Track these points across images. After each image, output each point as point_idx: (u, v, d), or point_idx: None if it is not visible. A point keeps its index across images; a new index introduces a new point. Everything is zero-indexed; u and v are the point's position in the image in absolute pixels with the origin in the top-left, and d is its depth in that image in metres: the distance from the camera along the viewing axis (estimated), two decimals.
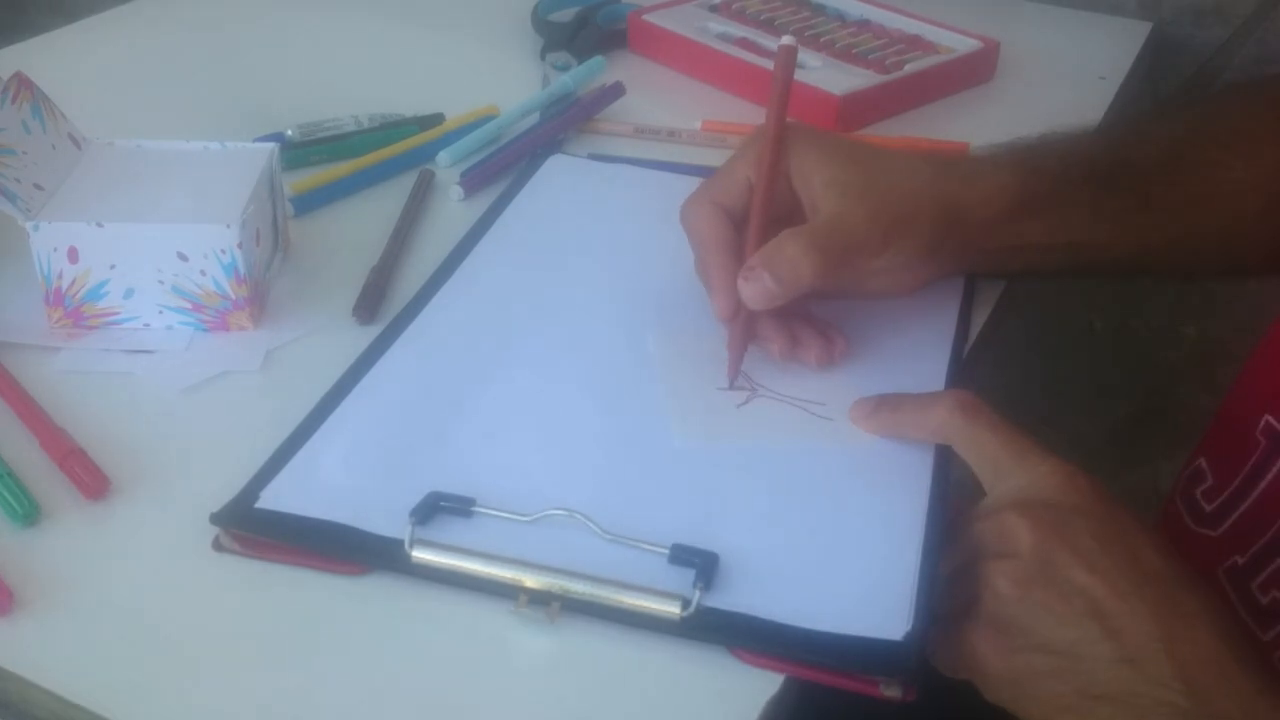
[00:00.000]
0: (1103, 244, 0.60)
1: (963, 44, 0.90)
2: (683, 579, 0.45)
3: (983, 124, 0.83)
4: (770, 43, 0.90)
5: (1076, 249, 0.60)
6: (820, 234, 0.54)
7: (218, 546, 0.47)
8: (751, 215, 0.56)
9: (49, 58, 0.89)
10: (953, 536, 0.47)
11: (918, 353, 0.58)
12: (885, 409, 0.53)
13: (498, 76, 0.89)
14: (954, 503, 0.49)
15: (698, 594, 0.44)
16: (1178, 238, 0.61)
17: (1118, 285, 1.11)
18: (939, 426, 0.50)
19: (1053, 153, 0.61)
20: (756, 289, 0.53)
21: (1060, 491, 0.46)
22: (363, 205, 0.72)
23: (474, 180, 0.73)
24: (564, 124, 0.80)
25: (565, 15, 0.96)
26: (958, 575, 0.46)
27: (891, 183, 0.57)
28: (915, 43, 0.90)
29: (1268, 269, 0.63)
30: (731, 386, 0.55)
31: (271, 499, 0.48)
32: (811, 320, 0.58)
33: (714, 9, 0.96)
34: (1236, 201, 0.61)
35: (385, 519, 0.47)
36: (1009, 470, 0.47)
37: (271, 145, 0.65)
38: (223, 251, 0.57)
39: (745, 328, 0.56)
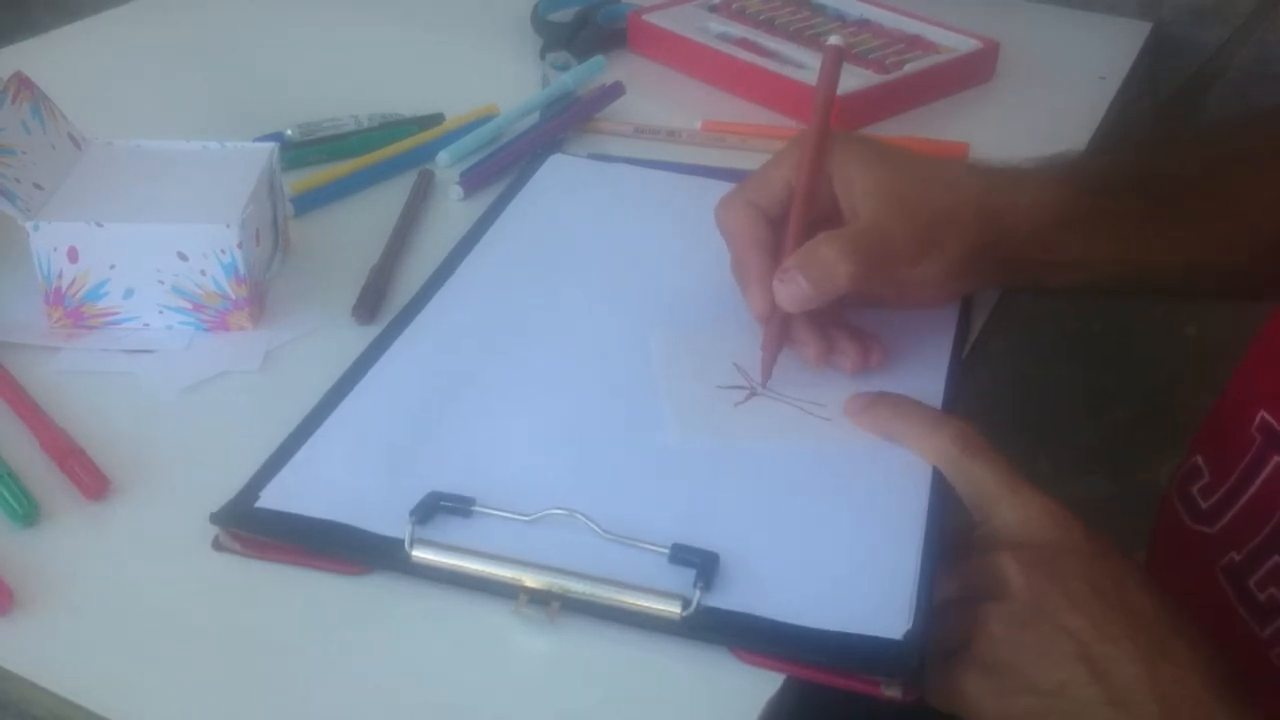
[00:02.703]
0: (1147, 260, 0.60)
1: (963, 44, 0.90)
2: (683, 579, 0.45)
3: (983, 124, 0.83)
4: (770, 43, 0.90)
5: (1118, 265, 0.60)
6: (857, 239, 0.54)
7: (217, 546, 0.47)
8: (790, 217, 0.56)
9: (49, 57, 0.89)
10: (944, 567, 0.47)
11: (918, 353, 0.58)
12: (882, 408, 0.53)
13: (498, 76, 0.89)
14: (950, 525, 0.49)
15: (698, 594, 0.44)
16: (1220, 254, 0.60)
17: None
18: (936, 453, 0.50)
19: (1097, 167, 0.60)
20: (791, 291, 0.53)
21: (1052, 532, 0.46)
22: (362, 205, 0.72)
23: (474, 180, 0.73)
24: (564, 124, 0.80)
25: (565, 15, 0.96)
26: (949, 610, 0.46)
27: (933, 192, 0.56)
28: (915, 43, 0.90)
29: None
30: (763, 388, 0.55)
31: (271, 498, 0.48)
32: (848, 327, 0.57)
33: (714, 9, 0.96)
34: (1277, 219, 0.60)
35: (385, 518, 0.47)
36: (1002, 508, 0.48)
37: (271, 145, 0.65)
38: (223, 251, 0.57)
39: (780, 330, 0.55)
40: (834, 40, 0.57)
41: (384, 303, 0.62)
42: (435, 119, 0.80)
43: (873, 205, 0.55)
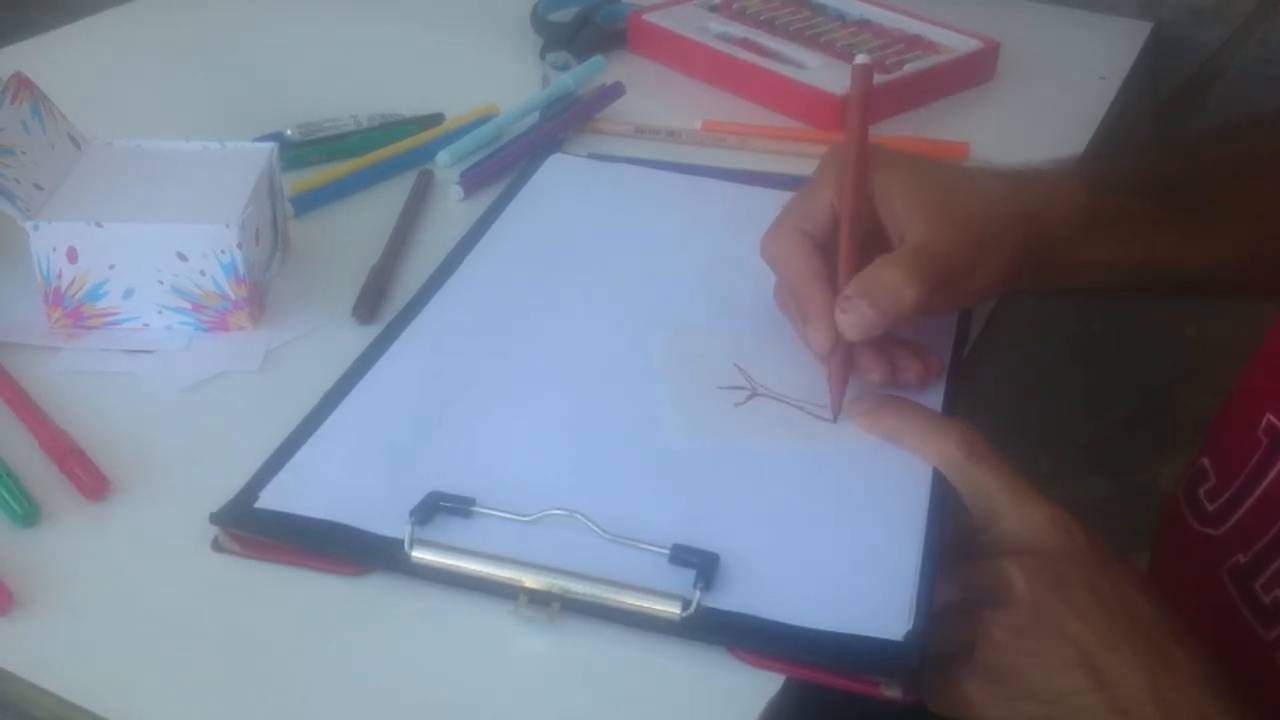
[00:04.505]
0: (1174, 261, 0.60)
1: (963, 44, 0.90)
2: (683, 579, 0.45)
3: (983, 124, 0.83)
4: (770, 43, 0.90)
5: (1146, 266, 0.59)
6: (917, 259, 0.53)
7: (217, 547, 0.47)
8: (842, 243, 0.55)
9: (49, 58, 0.89)
10: (946, 571, 0.47)
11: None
12: (887, 413, 0.53)
13: (498, 76, 0.89)
14: (951, 529, 0.49)
15: (698, 594, 0.44)
16: (1250, 255, 0.60)
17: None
18: (940, 457, 0.50)
19: (1124, 169, 0.60)
20: (855, 319, 0.52)
21: (1055, 540, 0.46)
22: (362, 205, 0.72)
23: (474, 180, 0.73)
24: (564, 124, 0.80)
25: (565, 15, 0.96)
26: (951, 615, 0.46)
27: (976, 202, 0.56)
28: (915, 43, 0.90)
29: None
30: (835, 419, 0.54)
31: (271, 499, 0.48)
32: (903, 342, 0.56)
33: (714, 9, 0.96)
34: None
35: (385, 519, 0.47)
36: (1005, 514, 0.48)
37: (271, 145, 0.64)
38: (222, 251, 0.57)
39: (846, 358, 0.54)
40: (861, 59, 0.57)
41: (384, 303, 0.62)
42: (435, 119, 0.80)
43: (920, 221, 0.54)
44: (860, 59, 0.57)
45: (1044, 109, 0.86)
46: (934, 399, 0.55)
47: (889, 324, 0.52)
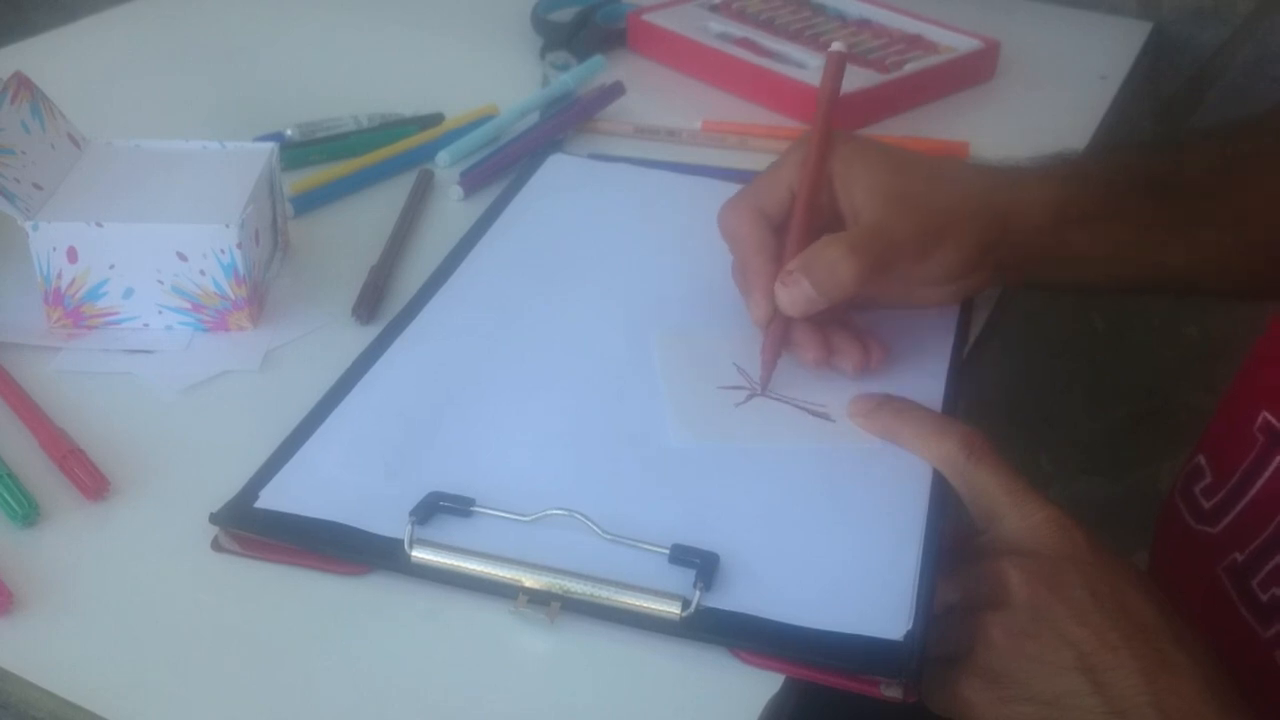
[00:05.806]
0: (1150, 257, 0.60)
1: (963, 44, 0.90)
2: (683, 579, 0.45)
3: (983, 124, 0.83)
4: (770, 43, 0.90)
5: (1123, 262, 0.60)
6: (860, 240, 0.54)
7: (217, 546, 0.47)
8: (792, 221, 0.55)
9: (49, 58, 0.89)
10: (946, 572, 0.47)
11: (919, 351, 0.58)
12: (887, 412, 0.53)
13: (497, 76, 0.89)
14: (951, 530, 0.49)
15: (698, 594, 0.44)
16: (1228, 253, 0.61)
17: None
18: (941, 459, 0.50)
19: (1100, 164, 0.60)
20: (794, 294, 0.53)
21: (1054, 541, 0.46)
22: (362, 205, 0.72)
23: (473, 180, 0.73)
24: (564, 123, 0.80)
25: (565, 15, 0.96)
26: (950, 616, 0.46)
27: (936, 192, 0.56)
28: (915, 42, 0.90)
29: None
30: (764, 393, 0.55)
31: (271, 499, 0.48)
32: (849, 328, 0.57)
33: (714, 9, 0.96)
34: None
35: (385, 519, 0.47)
36: (1005, 515, 0.48)
37: (271, 145, 0.64)
38: (222, 251, 0.57)
39: (780, 334, 0.55)
40: (836, 46, 0.57)
41: (384, 303, 0.62)
42: (435, 119, 0.80)
43: (876, 205, 0.55)
44: (836, 46, 0.57)
45: (1044, 109, 0.86)
46: (934, 398, 0.55)
47: (828, 302, 0.53)
